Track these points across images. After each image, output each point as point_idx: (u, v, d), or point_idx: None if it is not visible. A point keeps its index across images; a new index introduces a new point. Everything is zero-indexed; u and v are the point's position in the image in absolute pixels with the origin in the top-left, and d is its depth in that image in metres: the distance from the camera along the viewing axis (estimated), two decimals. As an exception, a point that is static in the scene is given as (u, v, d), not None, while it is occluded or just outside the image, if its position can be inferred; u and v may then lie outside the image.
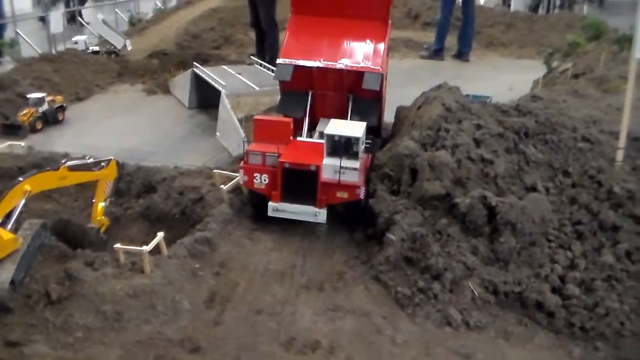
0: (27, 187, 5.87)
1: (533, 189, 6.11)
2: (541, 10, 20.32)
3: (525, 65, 15.06)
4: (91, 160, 6.70)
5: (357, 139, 6.50)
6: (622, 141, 6.06)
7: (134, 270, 5.78)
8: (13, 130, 10.62)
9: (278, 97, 9.85)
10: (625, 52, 10.83)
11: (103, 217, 6.94)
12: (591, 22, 13.25)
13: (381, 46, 7.65)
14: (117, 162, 6.94)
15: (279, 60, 7.62)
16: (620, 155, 6.09)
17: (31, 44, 15.02)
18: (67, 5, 23.06)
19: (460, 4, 15.98)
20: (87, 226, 6.90)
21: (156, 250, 5.96)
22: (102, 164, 6.74)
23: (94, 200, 6.92)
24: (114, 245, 5.94)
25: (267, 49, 13.20)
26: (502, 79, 13.40)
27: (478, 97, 8.17)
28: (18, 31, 15.07)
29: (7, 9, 15.48)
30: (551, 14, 19.80)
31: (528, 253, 5.69)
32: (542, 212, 5.79)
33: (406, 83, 8.36)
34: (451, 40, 16.22)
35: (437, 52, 16.05)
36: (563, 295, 5.45)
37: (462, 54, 16.09)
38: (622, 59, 10.19)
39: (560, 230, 5.82)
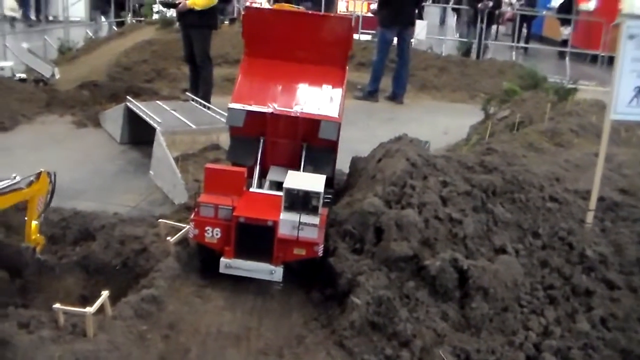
0: (-54, 217, 5.19)
1: (502, 250, 5.79)
2: (472, 55, 20.68)
3: (459, 109, 15.09)
4: (18, 178, 5.99)
5: (318, 193, 5.95)
6: (593, 203, 5.92)
7: (75, 333, 4.94)
8: None
9: (215, 136, 9.44)
10: (565, 102, 10.94)
11: (38, 236, 6.27)
12: (528, 72, 13.45)
13: (338, 93, 7.15)
14: (48, 174, 6.24)
15: (230, 105, 7.06)
16: (590, 217, 5.94)
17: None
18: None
19: (396, 46, 15.98)
20: (22, 246, 6.22)
21: (99, 309, 5.38)
22: (32, 178, 6.05)
23: (26, 219, 6.25)
24: (54, 306, 5.31)
25: (200, 85, 12.76)
26: (436, 122, 13.32)
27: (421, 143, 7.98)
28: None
29: None
30: (482, 59, 20.14)
31: (500, 319, 5.34)
32: (514, 276, 5.48)
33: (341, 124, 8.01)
34: (385, 82, 16.14)
35: (371, 94, 15.84)
36: (539, 365, 5.15)
37: (396, 96, 15.96)
38: (567, 110, 10.24)
39: (532, 295, 5.52)
